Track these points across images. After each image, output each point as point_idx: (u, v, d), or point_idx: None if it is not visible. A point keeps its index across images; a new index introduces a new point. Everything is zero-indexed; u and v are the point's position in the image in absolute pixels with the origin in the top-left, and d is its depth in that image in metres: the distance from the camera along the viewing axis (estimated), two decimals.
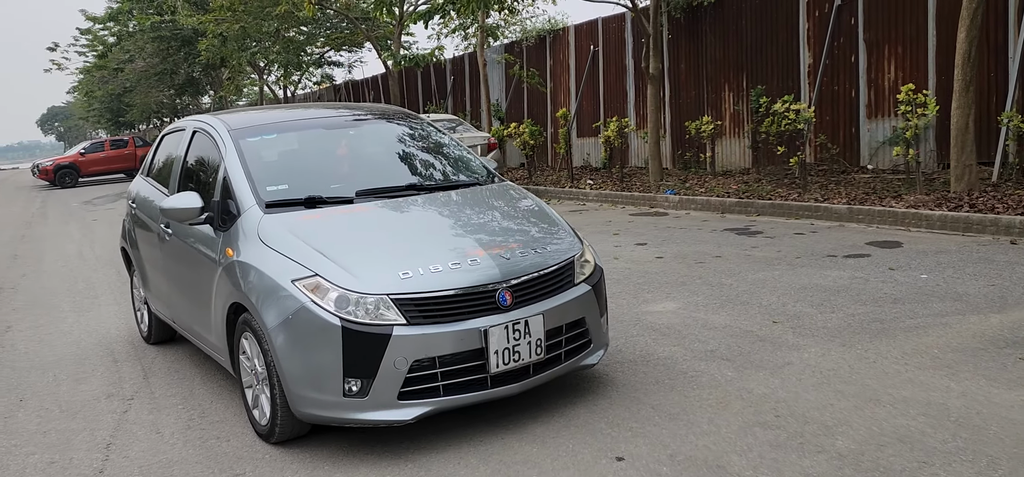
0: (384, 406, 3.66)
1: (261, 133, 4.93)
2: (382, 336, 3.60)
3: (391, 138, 5.32)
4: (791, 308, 5.72)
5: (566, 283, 4.14)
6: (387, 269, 3.78)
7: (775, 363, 4.63)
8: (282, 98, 30.68)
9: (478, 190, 4.88)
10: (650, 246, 8.54)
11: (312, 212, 4.30)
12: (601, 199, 12.79)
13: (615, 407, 4.16)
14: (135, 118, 45.77)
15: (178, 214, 4.51)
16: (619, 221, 10.55)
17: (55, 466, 3.97)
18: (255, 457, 3.88)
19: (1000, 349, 4.54)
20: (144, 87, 35.94)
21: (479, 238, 4.14)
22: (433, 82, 24.86)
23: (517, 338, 3.82)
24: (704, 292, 6.39)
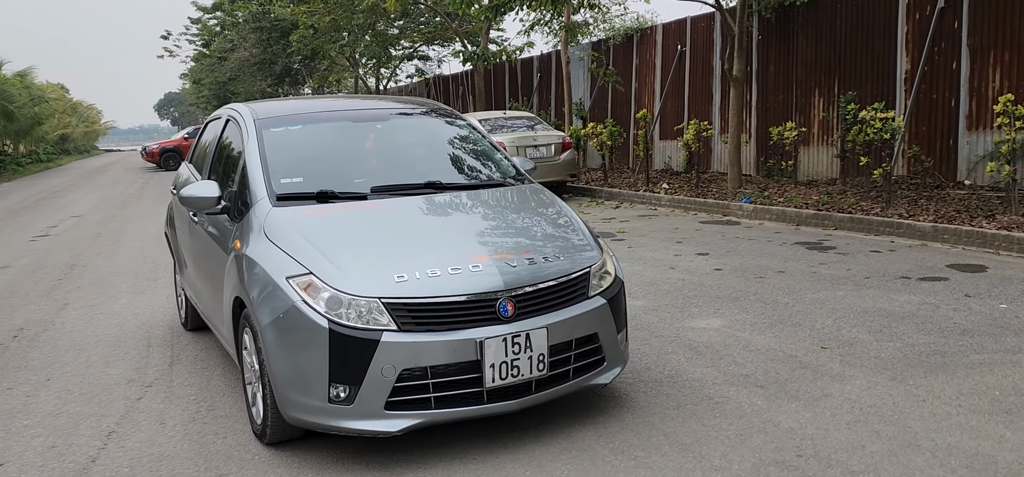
0: (370, 415, 3.48)
1: (286, 124, 4.84)
2: (370, 342, 3.42)
3: (420, 134, 5.16)
4: (846, 333, 5.26)
5: (578, 296, 3.86)
6: (383, 271, 3.60)
7: (811, 394, 4.23)
8: (374, 90, 31.17)
9: (502, 192, 4.65)
10: (711, 256, 8.12)
11: (320, 207, 4.17)
12: (674, 205, 12.33)
13: (625, 431, 3.87)
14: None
15: (196, 203, 4.46)
16: (686, 229, 10.11)
17: (53, 450, 3.97)
18: (243, 458, 3.78)
19: None
20: (247, 76, 37.20)
21: (487, 243, 3.91)
22: (520, 79, 24.70)
23: (517, 352, 3.57)
24: (755, 309, 5.97)
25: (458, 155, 4.96)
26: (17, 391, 4.90)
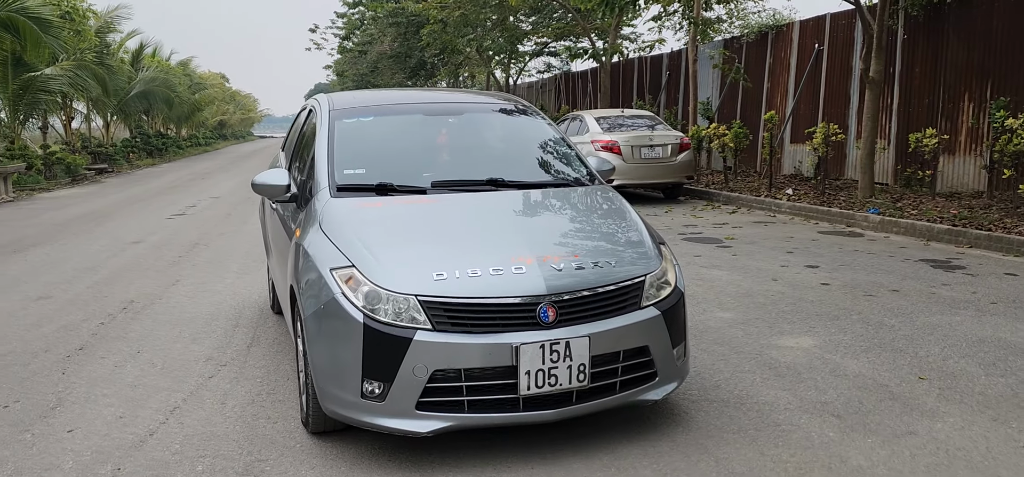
0: (401, 414, 3.41)
1: (358, 115, 4.86)
2: (402, 339, 3.35)
3: (491, 129, 5.05)
4: (952, 364, 4.75)
5: (629, 305, 3.64)
6: (423, 268, 3.51)
7: (894, 430, 3.82)
8: (504, 85, 31.42)
9: (566, 192, 4.48)
10: (821, 269, 7.59)
11: (376, 200, 4.15)
12: (794, 212, 11.67)
13: (674, 452, 3.62)
14: None
15: (266, 190, 4.55)
16: (802, 238, 9.53)
17: (120, 421, 4.15)
18: (285, 445, 3.80)
19: None
20: (385, 69, 38.42)
21: (536, 244, 3.75)
22: (648, 77, 24.19)
23: (555, 360, 3.40)
24: (855, 330, 5.50)
25: (527, 153, 4.83)
26: (108, 361, 5.17)
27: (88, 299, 6.99)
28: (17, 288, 7.56)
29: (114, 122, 31.52)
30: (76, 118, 27.89)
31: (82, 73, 21.60)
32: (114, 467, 3.58)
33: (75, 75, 21.49)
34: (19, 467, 3.62)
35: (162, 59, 35.56)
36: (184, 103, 37.53)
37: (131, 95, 29.43)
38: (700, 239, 9.63)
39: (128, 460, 3.65)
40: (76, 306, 6.73)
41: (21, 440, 3.91)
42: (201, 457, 3.67)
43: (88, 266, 8.63)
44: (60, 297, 7.12)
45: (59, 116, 25.87)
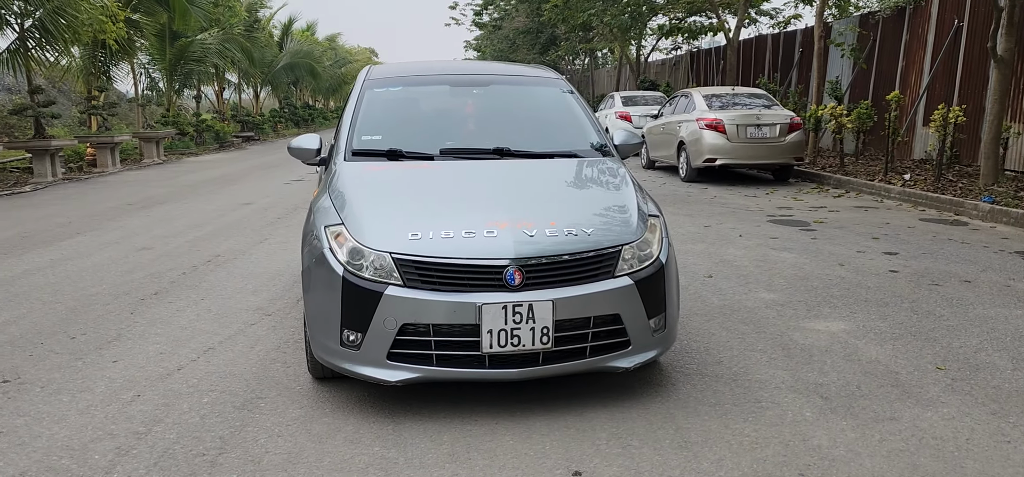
0: (374, 363, 3.67)
1: (389, 85, 5.14)
2: (374, 293, 3.60)
3: (514, 101, 5.19)
4: (983, 357, 4.50)
5: (603, 274, 3.73)
6: (401, 228, 3.74)
7: (876, 415, 3.72)
8: (635, 62, 31.06)
9: (569, 163, 4.57)
10: (899, 257, 7.23)
11: (382, 164, 4.41)
12: (904, 198, 11.05)
13: (640, 420, 3.69)
14: None
15: (299, 153, 4.91)
16: (897, 225, 9.05)
17: (159, 356, 4.65)
18: (286, 386, 4.15)
19: None
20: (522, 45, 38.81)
21: (515, 210, 3.89)
22: (781, 54, 23.26)
23: (518, 321, 3.55)
24: (897, 318, 5.28)
25: (543, 124, 4.95)
26: (173, 306, 5.75)
27: (182, 252, 7.71)
28: (129, 239, 8.43)
29: (264, 93, 33.67)
30: (227, 89, 30.00)
31: (229, 45, 23.24)
32: (136, 393, 4.05)
33: (223, 47, 23.15)
34: (61, 387, 4.16)
35: (310, 34, 37.54)
36: (329, 75, 39.46)
37: (278, 67, 31.32)
38: (787, 221, 9.35)
39: (150, 389, 4.11)
40: (170, 257, 7.45)
41: (73, 366, 4.48)
42: (210, 391, 4.08)
43: (195, 223, 9.45)
44: (159, 248, 7.89)
45: (212, 86, 27.95)
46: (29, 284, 6.43)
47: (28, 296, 6.04)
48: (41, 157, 14.26)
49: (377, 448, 3.43)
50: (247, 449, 3.42)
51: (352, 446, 3.46)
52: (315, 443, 3.48)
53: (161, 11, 19.38)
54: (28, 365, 4.49)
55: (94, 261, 7.31)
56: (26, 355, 4.67)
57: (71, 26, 14.49)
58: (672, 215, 9.88)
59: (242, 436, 3.55)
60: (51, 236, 8.68)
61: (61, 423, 3.70)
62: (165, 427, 3.64)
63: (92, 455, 3.37)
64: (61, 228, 9.22)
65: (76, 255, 7.59)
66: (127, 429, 3.62)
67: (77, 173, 15.78)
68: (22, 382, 4.23)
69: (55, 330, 5.15)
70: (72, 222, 9.68)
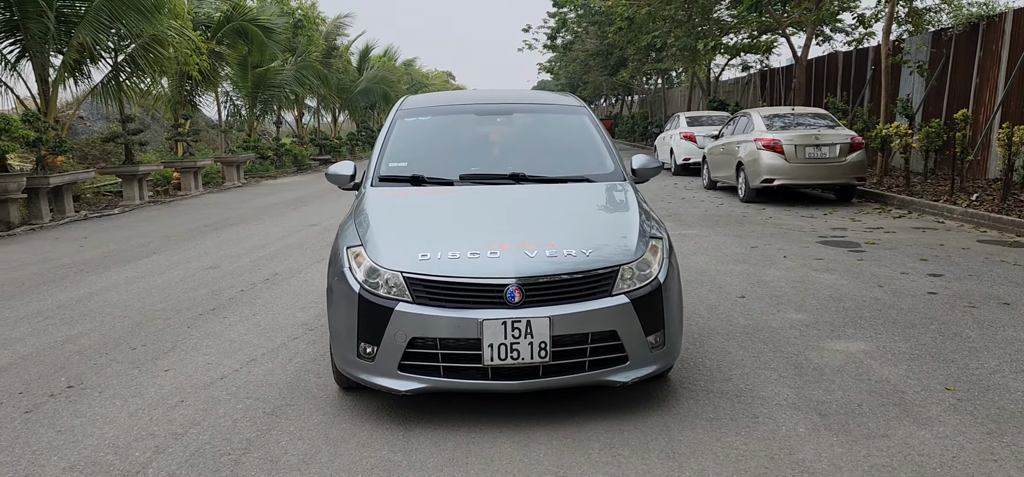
0: (386, 374, 3.97)
1: (419, 114, 5.49)
2: (386, 309, 3.90)
3: (535, 128, 5.46)
4: (997, 379, 4.51)
5: (600, 292, 3.94)
6: (413, 249, 4.04)
7: (869, 432, 3.81)
8: (706, 82, 30.89)
9: (579, 187, 4.81)
10: (943, 279, 7.16)
11: (404, 189, 4.74)
12: (965, 219, 10.80)
13: (636, 432, 3.88)
14: (589, 95, 49.95)
15: (336, 179, 5.28)
16: (951, 247, 8.90)
17: (206, 367, 5.06)
18: (313, 395, 4.50)
19: None
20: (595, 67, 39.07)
21: (519, 232, 4.15)
22: (853, 72, 22.83)
23: (517, 336, 3.80)
24: (920, 339, 5.30)
25: (560, 150, 5.20)
26: (227, 321, 6.20)
27: (244, 270, 8.23)
28: (199, 259, 9.02)
29: (343, 117, 34.83)
30: (306, 113, 31.19)
31: (306, 72, 24.25)
32: (180, 399, 4.47)
33: (301, 74, 24.17)
34: (117, 392, 4.61)
35: (387, 59, 38.66)
36: None
37: (355, 92, 32.40)
38: (837, 243, 9.30)
39: (193, 395, 4.52)
40: (232, 275, 7.97)
41: (130, 374, 4.94)
42: (246, 398, 4.46)
43: (261, 244, 10.03)
44: (225, 267, 8.44)
45: (292, 111, 29.13)
46: (104, 300, 7.01)
47: (102, 311, 6.60)
48: (130, 181, 15.24)
49: (385, 452, 3.73)
50: (268, 450, 3.76)
51: (363, 450, 3.76)
52: (330, 446, 3.80)
53: (242, 43, 20.43)
54: (91, 373, 4.97)
55: (164, 279, 7.88)
56: (91, 364, 5.16)
57: (158, 60, 15.48)
58: (721, 236, 9.94)
59: (266, 439, 3.89)
60: (131, 255, 9.37)
61: (111, 424, 4.12)
62: (200, 429, 4.02)
63: (133, 453, 3.76)
64: (140, 248, 9.93)
65: (149, 273, 8.20)
66: (167, 430, 4.02)
67: (162, 196, 16.78)
68: (84, 387, 4.70)
69: (119, 342, 5.65)
70: (150, 242, 10.39)
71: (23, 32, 13.65)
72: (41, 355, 5.38)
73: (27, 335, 5.90)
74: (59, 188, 13.04)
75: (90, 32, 14.01)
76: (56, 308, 6.75)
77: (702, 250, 8.98)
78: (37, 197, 12.40)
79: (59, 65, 14.26)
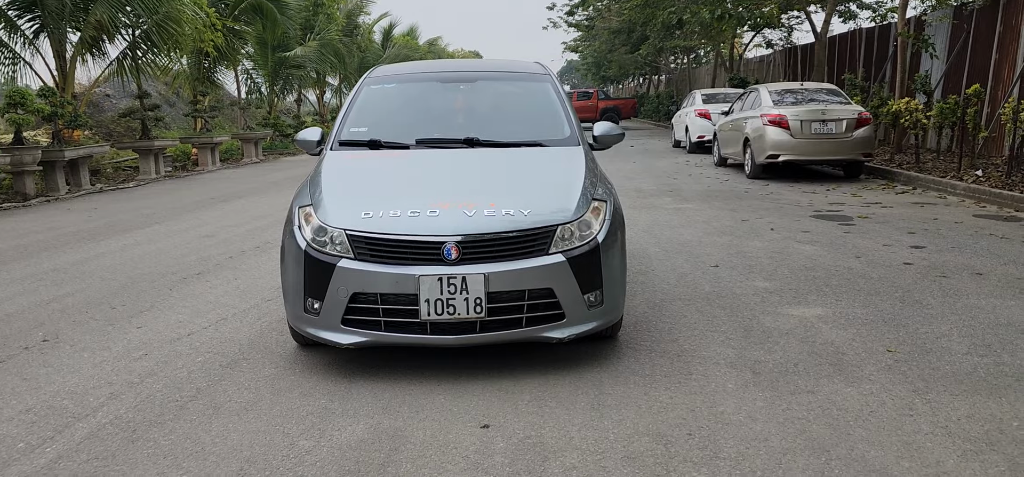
0: (330, 328, 4.12)
1: (385, 82, 5.62)
2: (329, 266, 4.05)
3: (497, 95, 5.55)
4: (942, 343, 4.55)
5: (537, 250, 4.05)
6: (357, 208, 4.18)
7: (795, 388, 3.89)
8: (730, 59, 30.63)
9: (531, 151, 4.90)
10: (925, 251, 7.15)
11: (360, 153, 4.88)
12: (967, 195, 10.70)
13: (565, 386, 3.99)
14: (614, 74, 49.69)
15: (304, 144, 5.44)
16: (946, 221, 8.84)
17: (178, 325, 5.27)
18: (270, 350, 4.67)
19: None
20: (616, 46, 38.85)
21: (462, 192, 4.27)
22: (875, 49, 22.50)
23: (452, 292, 3.93)
24: (880, 306, 5.34)
25: (520, 116, 5.29)
26: (209, 284, 6.41)
27: (238, 239, 8.45)
28: (198, 228, 9.27)
29: None
30: (328, 91, 31.48)
31: (325, 50, 24.50)
32: (144, 353, 4.67)
33: (322, 53, 24.42)
34: (87, 346, 4.83)
35: (411, 37, 38.81)
36: None
37: None
38: (831, 217, 9.28)
39: (157, 350, 4.72)
40: (226, 244, 8.20)
41: (104, 330, 5.16)
42: (207, 353, 4.65)
43: (262, 214, 10.26)
44: (221, 236, 8.67)
45: (314, 90, 29.42)
46: (98, 264, 7.27)
47: (92, 274, 6.86)
48: (146, 156, 15.60)
49: (324, 401, 3.88)
50: (214, 398, 3.94)
51: (304, 398, 3.92)
52: (273, 395, 3.97)
53: (258, 20, 20.70)
54: (68, 329, 5.20)
55: (159, 246, 8.13)
56: (70, 321, 5.39)
57: (174, 37, 15.78)
58: (716, 210, 9.96)
59: (215, 388, 4.07)
60: (134, 225, 9.65)
61: (75, 374, 4.33)
62: (156, 379, 4.22)
63: (88, 398, 3.97)
64: (145, 219, 10.21)
65: (146, 241, 8.46)
66: (125, 380, 4.22)
67: (180, 171, 17.13)
68: (58, 342, 4.93)
69: (101, 302, 5.89)
70: (156, 213, 10.68)
71: (41, 8, 14.00)
72: (25, 313, 5.63)
73: (17, 295, 6.16)
74: (75, 161, 13.40)
75: (106, 9, 14.33)
76: (50, 271, 7.02)
77: (692, 223, 9.02)
78: (53, 170, 12.76)
79: (77, 42, 14.60)
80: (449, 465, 3.19)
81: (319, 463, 3.22)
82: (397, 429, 3.55)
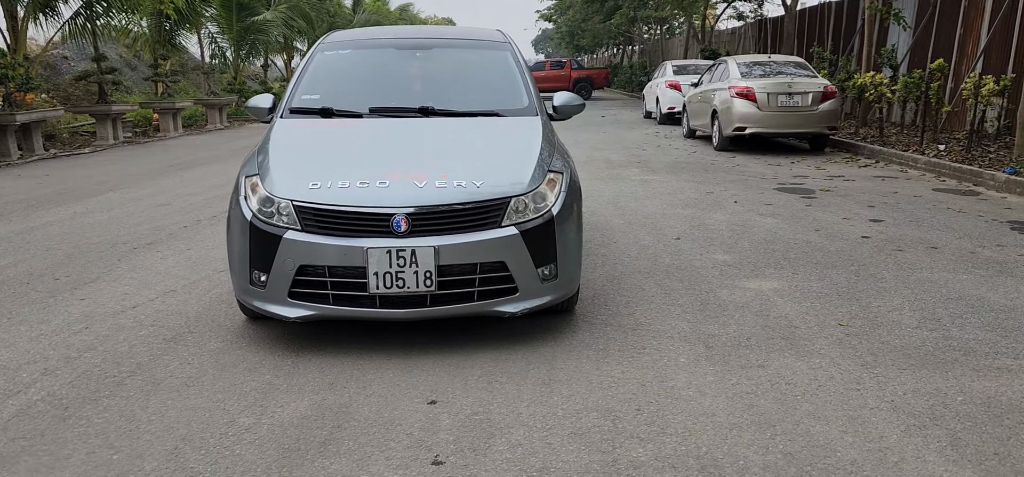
0: (277, 301, 4.01)
1: (339, 48, 5.47)
2: (275, 237, 3.94)
3: (454, 63, 5.43)
4: (894, 316, 4.56)
5: (489, 223, 3.97)
6: (305, 178, 4.06)
7: (747, 363, 3.87)
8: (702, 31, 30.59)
9: (486, 121, 4.80)
10: (883, 224, 7.18)
11: (311, 121, 4.75)
12: (928, 169, 10.78)
13: (518, 360, 3.94)
14: (588, 43, 49.47)
15: (255, 111, 5.28)
16: (905, 194, 8.90)
17: (124, 297, 5.13)
18: (217, 323, 4.56)
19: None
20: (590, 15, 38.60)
21: (413, 163, 4.17)
22: (844, 23, 22.56)
23: (402, 265, 3.84)
24: (834, 279, 5.34)
25: (476, 85, 5.18)
26: (160, 254, 6.26)
27: (195, 208, 8.27)
28: (153, 197, 9.06)
29: None
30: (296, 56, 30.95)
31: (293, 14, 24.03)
32: (85, 326, 4.53)
33: (287, 17, 23.96)
34: (25, 319, 4.68)
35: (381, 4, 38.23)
36: None
37: None
38: (793, 190, 9.30)
39: (100, 323, 4.59)
40: (181, 213, 8.01)
41: (45, 302, 5.00)
42: (152, 326, 4.53)
43: (221, 183, 10.05)
44: (177, 205, 8.48)
45: (282, 55, 28.91)
46: (45, 234, 7.06)
47: (38, 244, 6.66)
48: (103, 121, 15.23)
49: (269, 376, 3.79)
50: (153, 373, 3.83)
51: (249, 373, 3.82)
52: (217, 370, 3.86)
53: None
54: (6, 301, 5.04)
55: (112, 215, 7.93)
56: (9, 292, 5.22)
57: None
58: (682, 182, 9.94)
59: (157, 363, 3.96)
60: (86, 192, 9.41)
61: (9, 348, 4.19)
62: (95, 354, 4.09)
63: (21, 375, 3.83)
64: (98, 185, 9.96)
65: (98, 209, 8.25)
66: (62, 354, 4.09)
67: (141, 137, 16.76)
68: None
69: (45, 273, 5.71)
70: (110, 180, 10.42)
71: None
72: None
73: None
74: (28, 126, 13.04)
75: None
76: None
77: (657, 195, 8.99)
78: (4, 134, 12.41)
79: (28, 1, 14.15)
80: (392, 443, 3.13)
81: (258, 441, 3.13)
82: (342, 405, 3.47)
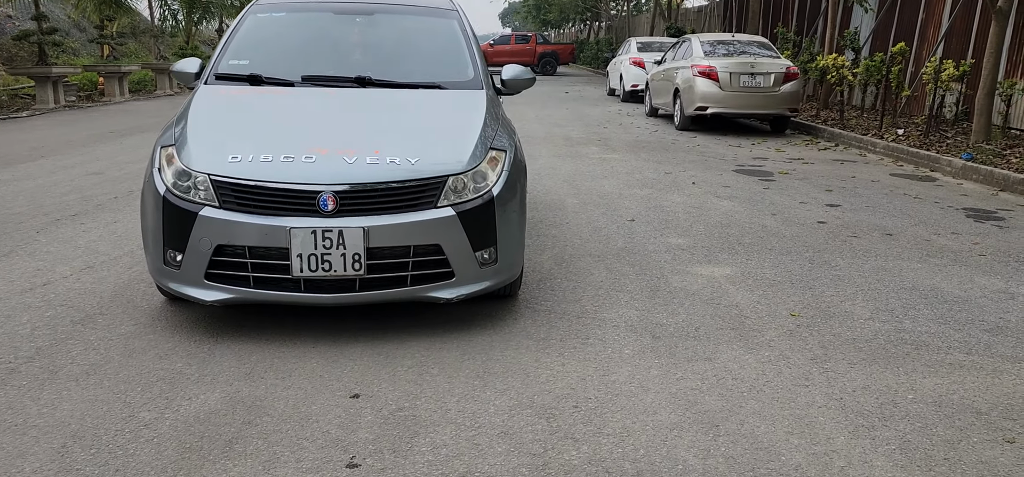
0: (192, 283, 3.71)
1: (273, 11, 5.13)
2: (190, 214, 3.63)
3: (396, 31, 5.13)
4: (847, 306, 4.40)
5: (423, 203, 3.70)
6: (224, 151, 3.74)
7: (693, 355, 3.68)
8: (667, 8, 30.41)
9: (426, 94, 4.52)
10: (841, 210, 7.05)
11: (238, 89, 4.42)
12: (887, 153, 10.73)
13: (452, 349, 3.70)
14: (554, 18, 49.08)
15: (180, 75, 4.90)
16: (862, 179, 8.81)
17: (37, 273, 4.78)
18: (132, 304, 4.25)
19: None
20: None
21: (343, 138, 3.88)
22: (809, 2, 22.50)
23: (328, 247, 3.57)
24: (788, 266, 5.18)
25: (419, 55, 4.89)
26: (84, 226, 5.89)
27: (129, 178, 7.86)
28: (87, 164, 8.63)
29: None
30: None
31: None
32: None
33: None
34: None
35: None
36: None
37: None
38: (752, 172, 9.15)
39: (3, 302, 4.24)
40: (113, 182, 7.61)
41: None
42: (60, 306, 4.20)
43: None
44: (110, 174, 8.06)
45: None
46: None
47: None
48: (43, 84, 14.59)
49: (180, 364, 3.50)
50: (53, 359, 3.51)
51: (159, 361, 3.53)
52: (124, 357, 3.56)
53: None
54: None
55: (39, 183, 7.50)
56: None
57: None
58: (641, 161, 9.75)
59: (58, 348, 3.64)
60: (15, 159, 8.93)
61: None
62: None
63: None
64: (30, 152, 9.48)
65: (25, 177, 7.81)
66: None
67: (85, 102, 16.12)
68: None
69: None
70: (44, 146, 9.93)
71: None
72: None
73: None
74: None
75: None
76: None
77: (615, 174, 8.78)
78: None
79: None
80: (306, 441, 2.87)
81: (156, 439, 2.85)
82: (256, 398, 3.20)
